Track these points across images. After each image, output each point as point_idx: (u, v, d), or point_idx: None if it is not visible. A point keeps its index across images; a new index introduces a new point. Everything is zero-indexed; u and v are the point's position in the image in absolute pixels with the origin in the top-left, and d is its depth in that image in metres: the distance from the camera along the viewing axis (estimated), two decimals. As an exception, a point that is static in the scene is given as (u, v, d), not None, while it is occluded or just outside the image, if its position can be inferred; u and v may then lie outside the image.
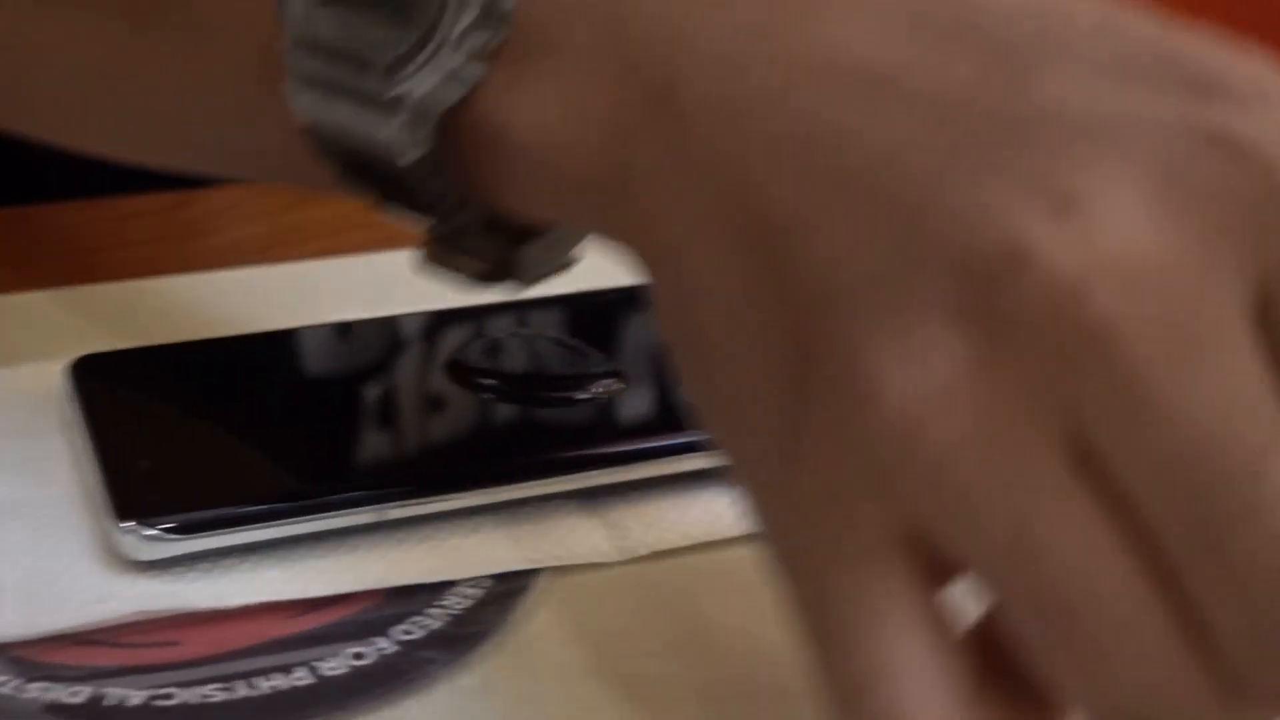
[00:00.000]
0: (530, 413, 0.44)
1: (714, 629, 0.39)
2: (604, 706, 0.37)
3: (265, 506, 0.40)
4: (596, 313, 0.49)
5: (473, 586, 0.40)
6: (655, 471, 0.43)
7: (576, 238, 0.38)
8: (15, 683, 0.37)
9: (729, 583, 0.41)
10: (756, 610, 0.40)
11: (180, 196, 0.62)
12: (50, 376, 0.44)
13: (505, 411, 0.44)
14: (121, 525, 0.39)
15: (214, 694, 0.37)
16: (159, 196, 0.61)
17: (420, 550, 0.41)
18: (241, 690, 0.37)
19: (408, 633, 0.39)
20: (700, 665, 0.38)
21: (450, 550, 0.41)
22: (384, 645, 0.38)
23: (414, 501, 0.41)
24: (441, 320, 0.48)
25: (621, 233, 0.32)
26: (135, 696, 0.36)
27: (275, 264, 0.56)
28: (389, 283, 0.52)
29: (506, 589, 0.40)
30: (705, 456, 0.43)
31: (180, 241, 0.59)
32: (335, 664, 0.38)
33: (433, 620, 0.39)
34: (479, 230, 0.37)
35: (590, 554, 0.41)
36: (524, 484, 0.42)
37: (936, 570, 0.28)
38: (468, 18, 0.33)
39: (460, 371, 0.45)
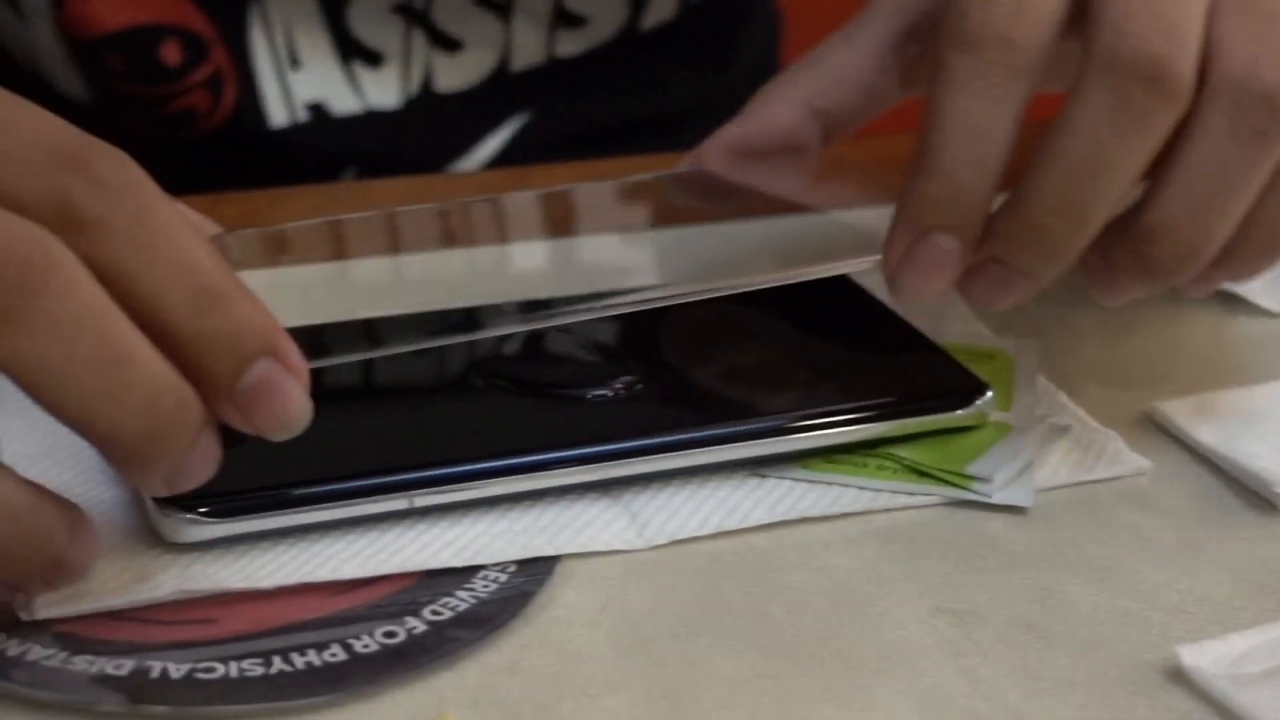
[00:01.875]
0: (554, 408, 0.46)
1: (733, 613, 0.41)
2: (627, 685, 0.38)
3: (300, 492, 0.42)
4: (617, 321, 0.50)
5: (499, 571, 0.42)
6: (674, 464, 0.45)
7: None
8: (61, 655, 0.38)
9: (746, 569, 0.42)
10: (772, 595, 0.41)
11: (208, 200, 0.63)
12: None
13: (531, 406, 0.45)
14: (161, 509, 0.41)
15: (252, 668, 0.38)
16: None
17: (449, 536, 0.43)
18: (278, 665, 0.38)
19: (437, 613, 0.40)
20: (719, 647, 0.40)
21: (478, 536, 0.43)
22: (414, 625, 0.40)
23: (444, 489, 0.43)
24: (471, 320, 0.49)
25: None
26: (177, 670, 0.38)
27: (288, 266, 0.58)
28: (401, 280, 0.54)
29: (531, 574, 0.42)
30: (720, 450, 0.45)
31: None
32: (368, 641, 0.39)
33: (461, 602, 0.41)
34: None
35: (613, 541, 0.43)
36: (549, 474, 0.44)
37: None
38: None
39: (490, 368, 0.47)
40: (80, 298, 0.35)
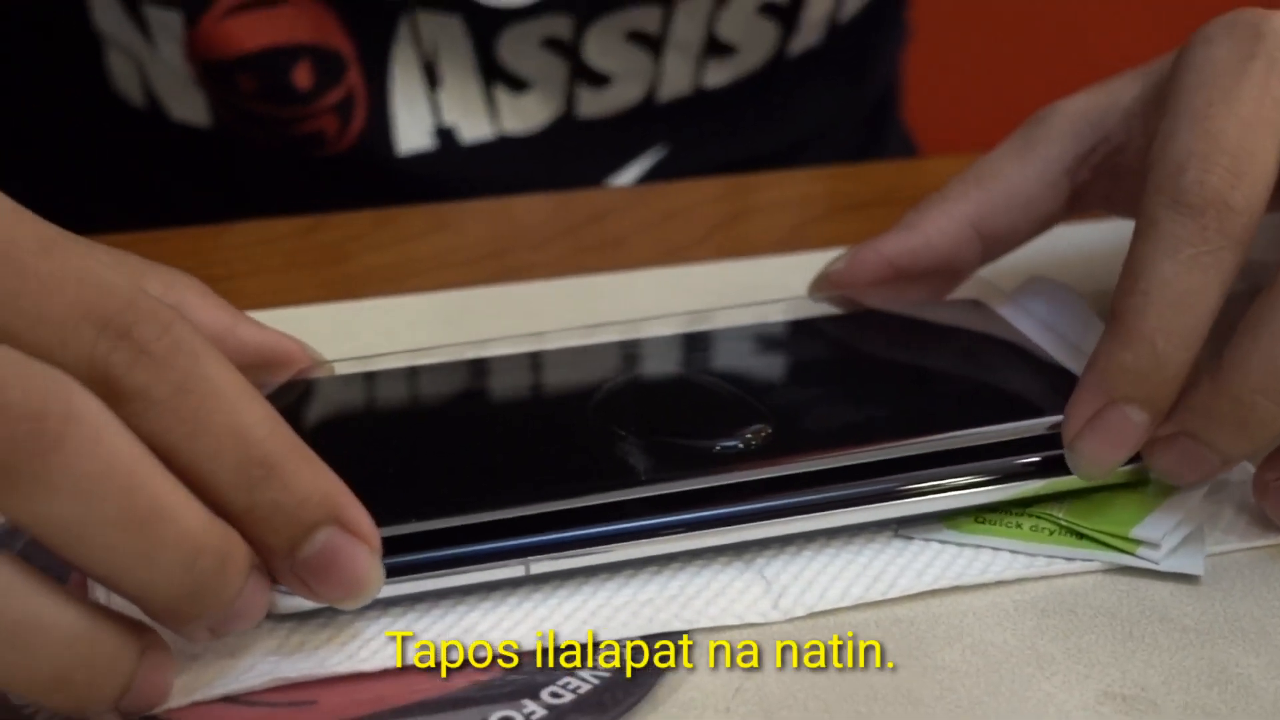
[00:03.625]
0: (679, 461, 0.42)
1: (880, 697, 0.37)
2: (765, 781, 0.35)
3: (405, 559, 0.38)
4: (740, 361, 0.47)
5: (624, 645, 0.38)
6: (812, 525, 0.41)
7: None
8: (147, 746, 0.35)
9: (893, 646, 0.39)
10: (923, 676, 0.38)
11: (310, 221, 0.60)
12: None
13: (653, 459, 0.42)
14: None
15: (356, 761, 0.35)
16: (289, 221, 0.60)
17: (568, 608, 0.39)
18: (384, 757, 0.35)
19: (556, 695, 0.37)
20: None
21: (599, 608, 0.39)
22: (532, 709, 0.36)
23: (564, 555, 0.39)
24: (587, 358, 0.46)
25: None
26: (274, 763, 0.35)
27: (412, 294, 0.55)
28: (532, 310, 0.51)
29: (659, 648, 0.38)
30: (863, 510, 0.41)
31: (314, 268, 0.58)
32: (481, 730, 0.36)
33: (582, 682, 0.37)
34: None
35: (747, 613, 0.39)
36: (677, 538, 0.40)
37: None
38: None
39: (608, 416, 0.43)
40: (103, 453, 0.33)
